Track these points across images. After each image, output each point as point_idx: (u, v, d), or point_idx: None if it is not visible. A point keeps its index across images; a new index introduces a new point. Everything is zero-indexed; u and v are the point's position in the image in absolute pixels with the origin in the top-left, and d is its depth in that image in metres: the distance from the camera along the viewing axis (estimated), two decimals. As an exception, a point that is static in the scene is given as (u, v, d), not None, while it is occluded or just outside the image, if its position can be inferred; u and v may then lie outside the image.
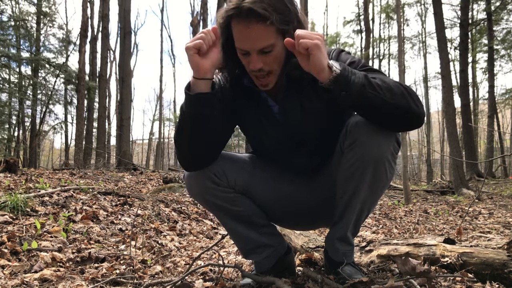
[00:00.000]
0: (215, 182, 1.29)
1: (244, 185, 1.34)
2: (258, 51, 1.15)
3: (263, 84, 1.23)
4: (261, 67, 1.17)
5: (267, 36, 1.13)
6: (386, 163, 1.21)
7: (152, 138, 30.62)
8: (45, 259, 1.75)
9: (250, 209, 1.37)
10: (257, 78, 1.22)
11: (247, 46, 1.15)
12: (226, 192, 1.32)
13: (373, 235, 3.01)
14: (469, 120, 11.32)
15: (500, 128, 18.91)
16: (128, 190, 4.84)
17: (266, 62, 1.18)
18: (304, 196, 1.44)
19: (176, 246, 2.47)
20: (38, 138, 15.91)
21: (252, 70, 1.19)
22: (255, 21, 1.10)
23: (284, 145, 1.38)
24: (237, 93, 1.35)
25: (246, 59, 1.19)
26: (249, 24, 1.11)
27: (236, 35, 1.16)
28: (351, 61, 1.24)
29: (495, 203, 5.96)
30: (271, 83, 1.23)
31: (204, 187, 1.30)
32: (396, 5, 6.98)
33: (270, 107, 1.34)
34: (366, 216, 1.39)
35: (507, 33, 15.18)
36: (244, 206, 1.36)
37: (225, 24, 1.17)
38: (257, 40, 1.13)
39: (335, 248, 1.38)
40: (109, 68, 21.25)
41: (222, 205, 1.34)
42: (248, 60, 1.18)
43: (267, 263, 1.44)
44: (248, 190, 1.36)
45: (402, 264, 1.20)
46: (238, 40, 1.17)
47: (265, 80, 1.22)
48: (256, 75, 1.21)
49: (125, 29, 12.52)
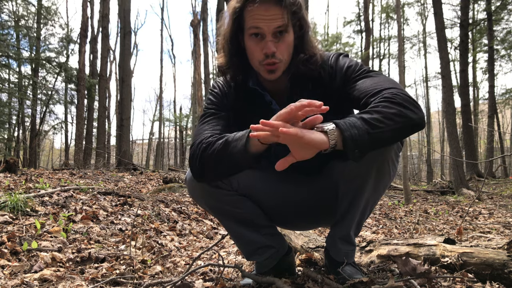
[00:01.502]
0: (217, 186, 1.28)
1: (246, 187, 1.34)
2: (273, 34, 1.18)
3: (272, 69, 1.23)
4: (275, 51, 1.19)
5: (283, 17, 1.17)
6: (390, 162, 1.22)
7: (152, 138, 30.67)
8: (45, 259, 1.75)
9: (252, 210, 1.37)
10: (267, 65, 1.22)
11: (264, 25, 1.17)
12: (228, 194, 1.31)
13: (373, 235, 3.01)
14: (469, 120, 11.33)
15: (500, 128, 18.91)
16: (128, 190, 4.84)
17: (280, 48, 1.20)
18: (306, 196, 1.44)
19: (176, 246, 2.47)
20: (38, 138, 15.92)
21: (266, 55, 1.20)
22: (274, 3, 1.16)
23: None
24: (241, 97, 1.35)
25: (259, 45, 1.20)
26: (268, 6, 1.16)
27: (253, 16, 1.18)
28: (348, 65, 1.26)
29: (495, 203, 5.95)
30: (279, 70, 1.24)
31: (206, 190, 1.30)
32: (396, 5, 6.98)
33: (274, 110, 1.34)
34: (368, 215, 1.39)
35: (507, 33, 15.19)
36: (246, 208, 1.35)
37: (240, 8, 1.19)
38: (274, 19, 1.17)
39: (338, 248, 1.38)
40: (109, 68, 21.29)
41: (224, 207, 1.33)
42: (261, 46, 1.20)
43: (269, 263, 1.44)
44: (250, 192, 1.35)
45: (403, 265, 1.20)
46: (254, 21, 1.18)
47: (274, 66, 1.22)
48: (267, 62, 1.21)
49: (125, 29, 12.52)
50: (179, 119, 27.10)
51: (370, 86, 1.16)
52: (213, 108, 1.35)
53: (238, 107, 1.36)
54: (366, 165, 1.20)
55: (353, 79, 1.23)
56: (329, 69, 1.29)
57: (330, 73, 1.29)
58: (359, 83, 1.20)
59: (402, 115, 1.06)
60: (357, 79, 1.22)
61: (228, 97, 1.37)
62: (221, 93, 1.38)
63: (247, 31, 1.21)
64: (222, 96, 1.38)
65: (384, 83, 1.15)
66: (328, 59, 1.31)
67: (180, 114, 27.60)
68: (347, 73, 1.25)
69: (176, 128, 28.60)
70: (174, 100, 35.99)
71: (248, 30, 1.21)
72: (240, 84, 1.35)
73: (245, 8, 1.19)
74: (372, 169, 1.20)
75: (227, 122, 1.32)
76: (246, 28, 1.21)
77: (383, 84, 1.14)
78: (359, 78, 1.22)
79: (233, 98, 1.36)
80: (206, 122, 1.32)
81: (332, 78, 1.29)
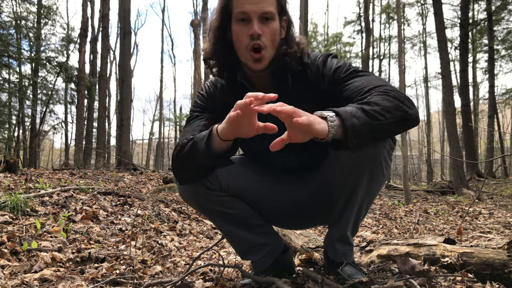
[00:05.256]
0: (208, 187, 1.28)
1: (236, 187, 1.33)
2: (260, 17, 1.19)
3: (258, 57, 1.22)
4: (260, 33, 1.19)
5: (270, 3, 1.20)
6: (383, 160, 1.22)
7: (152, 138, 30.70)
8: (45, 259, 1.75)
9: (244, 210, 1.37)
10: (253, 51, 1.21)
11: (250, 8, 1.18)
12: (219, 196, 1.31)
13: (373, 235, 3.01)
14: (469, 120, 11.32)
15: (500, 128, 18.89)
16: (128, 190, 4.84)
17: (265, 33, 1.20)
18: (298, 195, 1.44)
19: (176, 246, 2.47)
20: (38, 138, 15.91)
21: (252, 36, 1.19)
22: None
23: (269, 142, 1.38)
24: (228, 93, 1.34)
25: (246, 28, 1.20)
26: None
27: (240, 1, 1.19)
28: (336, 66, 1.25)
29: (495, 203, 5.95)
30: (264, 59, 1.23)
31: (197, 192, 1.30)
32: (397, 5, 6.98)
33: None
34: (364, 215, 1.39)
35: (508, 33, 15.18)
36: (238, 208, 1.35)
37: None
38: (261, 2, 1.18)
39: (335, 249, 1.38)
40: (109, 68, 21.28)
41: (216, 209, 1.33)
42: (248, 28, 1.19)
43: (265, 262, 1.44)
44: (240, 192, 1.35)
45: (402, 263, 1.20)
46: (242, 4, 1.19)
47: (260, 54, 1.21)
48: (253, 46, 1.20)
49: (125, 29, 12.51)
50: (179, 119, 27.10)
51: (361, 85, 1.16)
52: (197, 110, 1.37)
53: (225, 104, 1.36)
54: (360, 164, 1.20)
55: (342, 79, 1.22)
56: (316, 70, 1.28)
57: (317, 74, 1.28)
58: (349, 83, 1.20)
59: (400, 109, 1.07)
60: (346, 79, 1.21)
61: (213, 98, 1.37)
62: (207, 94, 1.39)
63: (234, 18, 1.22)
64: (208, 97, 1.38)
65: (376, 81, 1.16)
66: (315, 59, 1.30)
67: (180, 114, 27.59)
68: (336, 74, 1.24)
69: (176, 128, 28.59)
70: (174, 100, 36.02)
71: (235, 17, 1.21)
72: (227, 79, 1.35)
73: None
74: (366, 168, 1.20)
75: (210, 123, 1.31)
76: (233, 14, 1.22)
77: (375, 82, 1.15)
78: (349, 78, 1.21)
79: (219, 97, 1.36)
80: (189, 125, 1.33)
81: (318, 79, 1.28)
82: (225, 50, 1.27)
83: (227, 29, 1.26)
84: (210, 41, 1.30)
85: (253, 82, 1.33)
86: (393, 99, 1.07)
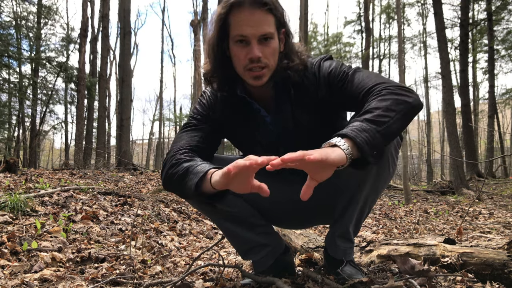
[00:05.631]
0: None
1: None
2: (259, 39, 1.16)
3: (258, 75, 1.20)
4: (260, 56, 1.17)
5: (269, 23, 1.17)
6: (389, 156, 1.22)
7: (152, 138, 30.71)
8: (45, 259, 1.75)
9: (245, 210, 1.37)
10: (252, 71, 1.20)
11: (249, 31, 1.15)
12: None
13: (373, 235, 3.01)
14: (469, 120, 11.32)
15: (500, 128, 18.90)
16: (128, 190, 4.84)
17: (265, 53, 1.18)
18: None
19: (176, 246, 2.47)
20: (38, 138, 15.91)
21: (251, 59, 1.17)
22: (259, 7, 1.14)
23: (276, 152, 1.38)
24: (229, 106, 1.34)
25: (244, 49, 1.18)
26: (253, 10, 1.14)
27: (239, 22, 1.16)
28: (329, 69, 1.25)
29: (495, 203, 5.95)
30: (265, 76, 1.21)
31: None
32: (397, 5, 6.98)
33: (263, 117, 1.34)
34: (367, 214, 1.39)
35: (508, 33, 15.17)
36: (239, 207, 1.35)
37: (225, 14, 1.17)
38: (260, 25, 1.15)
39: (336, 245, 1.38)
40: (109, 68, 21.30)
41: (216, 207, 1.33)
42: (246, 51, 1.17)
43: (265, 262, 1.44)
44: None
45: (402, 263, 1.20)
46: (240, 26, 1.16)
47: (260, 72, 1.20)
48: (252, 67, 1.19)
49: (125, 29, 12.50)
50: (179, 119, 27.10)
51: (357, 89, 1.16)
52: (196, 119, 1.35)
53: (227, 116, 1.35)
54: None
55: (338, 83, 1.22)
56: (312, 77, 1.28)
57: (314, 81, 1.27)
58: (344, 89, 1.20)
59: (399, 103, 1.06)
60: (340, 84, 1.21)
61: (214, 109, 1.36)
62: (208, 105, 1.37)
63: (233, 38, 1.19)
64: (208, 108, 1.37)
65: (370, 79, 1.15)
66: (311, 67, 1.29)
67: (180, 114, 27.60)
68: (330, 78, 1.24)
69: (176, 128, 28.60)
70: (174, 100, 36.08)
71: (234, 38, 1.18)
72: (227, 93, 1.33)
73: (230, 13, 1.16)
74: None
75: (206, 135, 1.31)
76: (231, 35, 1.19)
77: (368, 82, 1.15)
78: (343, 81, 1.21)
79: (220, 109, 1.35)
80: (186, 131, 1.32)
81: (316, 87, 1.27)
82: (224, 66, 1.25)
83: (225, 46, 1.23)
84: (209, 57, 1.29)
85: (254, 94, 1.32)
86: (391, 95, 1.07)
